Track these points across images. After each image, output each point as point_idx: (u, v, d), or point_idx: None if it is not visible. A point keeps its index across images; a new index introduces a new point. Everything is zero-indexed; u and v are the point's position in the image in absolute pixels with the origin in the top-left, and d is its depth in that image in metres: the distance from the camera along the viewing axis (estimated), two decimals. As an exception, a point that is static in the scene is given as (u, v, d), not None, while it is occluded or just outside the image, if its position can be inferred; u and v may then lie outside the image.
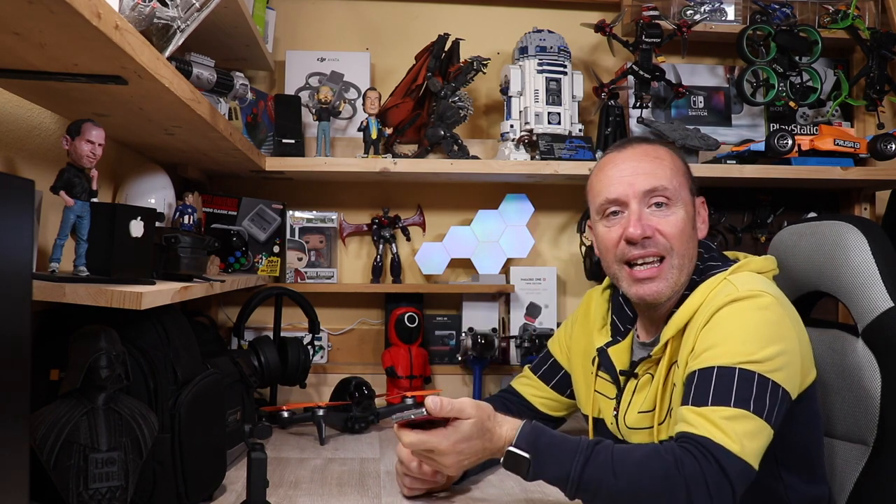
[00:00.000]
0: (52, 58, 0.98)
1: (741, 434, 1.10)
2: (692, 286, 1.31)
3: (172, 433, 1.14)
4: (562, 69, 2.10)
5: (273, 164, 1.99)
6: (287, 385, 1.91)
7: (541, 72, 2.08)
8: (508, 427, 1.18)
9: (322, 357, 2.20)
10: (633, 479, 1.09)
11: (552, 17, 2.28)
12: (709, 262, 1.35)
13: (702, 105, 2.33)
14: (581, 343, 1.51)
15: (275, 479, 1.33)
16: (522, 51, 2.12)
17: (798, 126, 2.25)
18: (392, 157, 2.03)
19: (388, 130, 2.12)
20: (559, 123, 2.08)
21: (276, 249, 2.07)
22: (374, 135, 2.03)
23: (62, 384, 1.03)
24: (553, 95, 2.08)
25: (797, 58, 2.16)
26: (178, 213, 1.57)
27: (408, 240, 2.25)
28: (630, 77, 2.13)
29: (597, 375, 1.43)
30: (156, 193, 1.59)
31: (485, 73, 2.11)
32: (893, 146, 2.07)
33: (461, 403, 1.18)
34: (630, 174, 1.32)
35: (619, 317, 1.45)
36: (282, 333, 2.00)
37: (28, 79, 1.05)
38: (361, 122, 2.05)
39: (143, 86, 1.09)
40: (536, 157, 2.07)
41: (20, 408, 0.82)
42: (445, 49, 2.12)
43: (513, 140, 2.10)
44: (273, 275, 2.08)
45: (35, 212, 1.11)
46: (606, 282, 1.51)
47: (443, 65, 2.12)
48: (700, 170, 2.02)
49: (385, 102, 2.12)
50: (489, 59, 2.11)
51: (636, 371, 1.35)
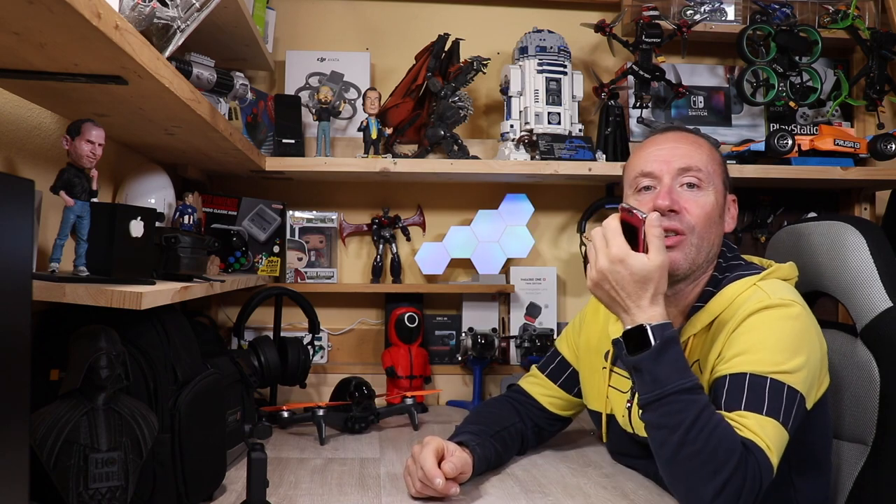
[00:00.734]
0: (52, 58, 0.98)
1: (774, 442, 1.13)
2: (715, 283, 1.33)
3: (172, 433, 1.13)
4: (562, 69, 2.10)
5: (273, 164, 1.99)
6: (287, 385, 1.91)
7: (541, 72, 2.09)
8: (658, 311, 1.16)
9: (322, 357, 2.20)
10: (704, 434, 1.09)
11: (552, 17, 2.28)
12: (732, 262, 1.36)
13: (702, 105, 2.33)
14: (592, 339, 1.51)
15: (275, 479, 1.33)
16: (522, 51, 2.12)
17: (798, 126, 2.25)
18: (392, 157, 2.03)
19: (388, 130, 2.12)
20: (559, 123, 2.08)
21: (276, 249, 2.07)
22: (374, 135, 2.03)
23: (62, 384, 1.03)
24: (553, 95, 2.08)
25: (797, 58, 2.16)
26: (178, 213, 1.57)
27: (408, 240, 2.25)
28: (630, 77, 2.14)
29: (611, 371, 1.43)
30: (156, 193, 1.59)
31: (485, 73, 2.11)
32: (893, 146, 2.07)
33: (661, 252, 1.17)
34: (667, 153, 1.35)
35: None
36: (282, 333, 2.00)
37: (28, 79, 1.05)
38: (361, 122, 2.05)
39: (143, 86, 1.10)
40: (536, 157, 2.07)
41: (20, 408, 0.82)
42: (445, 49, 2.12)
43: (513, 140, 2.10)
44: (273, 275, 2.08)
45: (35, 212, 1.11)
46: None
47: (443, 65, 2.12)
48: (700, 170, 2.03)
49: (385, 102, 2.12)
50: (489, 59, 2.12)
51: None
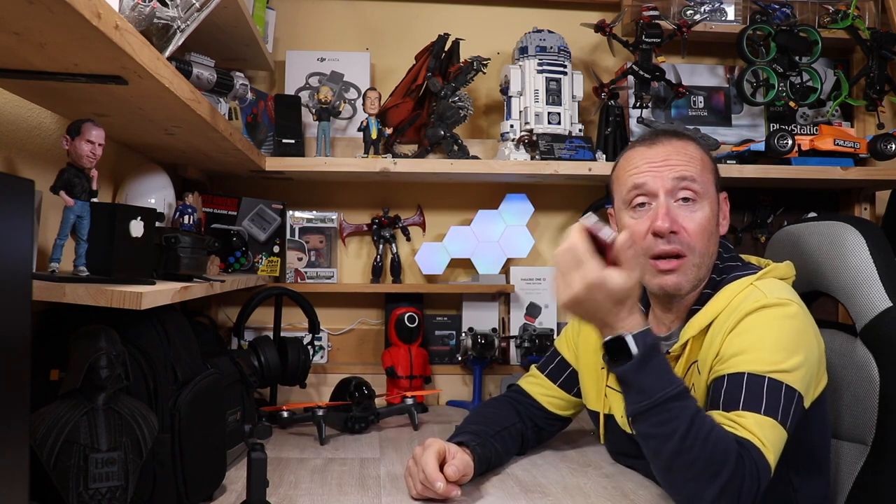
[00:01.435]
0: (52, 58, 0.98)
1: (772, 442, 1.12)
2: (713, 285, 1.32)
3: (172, 433, 1.14)
4: (562, 69, 2.10)
5: (273, 164, 1.99)
6: (287, 385, 1.91)
7: (541, 72, 2.09)
8: (637, 320, 1.14)
9: (322, 357, 2.20)
10: (699, 441, 1.08)
11: (552, 17, 2.28)
12: (728, 263, 1.35)
13: (702, 105, 2.33)
14: (591, 340, 1.51)
15: (275, 479, 1.33)
16: (522, 51, 2.12)
17: (798, 126, 2.25)
18: (392, 157, 2.03)
19: (388, 130, 2.12)
20: (559, 123, 2.08)
21: (276, 249, 2.07)
22: (374, 135, 2.03)
23: (62, 384, 1.03)
24: (553, 95, 2.08)
25: (797, 58, 2.16)
26: (178, 213, 1.57)
27: (408, 240, 2.25)
28: (630, 77, 2.13)
29: (608, 371, 1.43)
30: (156, 193, 1.59)
31: (485, 73, 2.11)
32: (893, 146, 2.07)
33: (636, 267, 1.12)
34: (660, 164, 1.32)
35: None
36: (282, 333, 2.00)
37: (28, 79, 1.05)
38: (361, 122, 2.05)
39: (143, 86, 1.10)
40: (536, 157, 2.07)
41: (20, 408, 0.82)
42: (445, 49, 2.12)
43: (513, 140, 2.10)
44: (273, 275, 2.08)
45: (35, 212, 1.11)
46: None
47: (443, 65, 2.12)
48: (700, 170, 2.03)
49: (385, 102, 2.12)
50: (489, 59, 2.12)
51: None
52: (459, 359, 2.20)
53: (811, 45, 2.17)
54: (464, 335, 2.12)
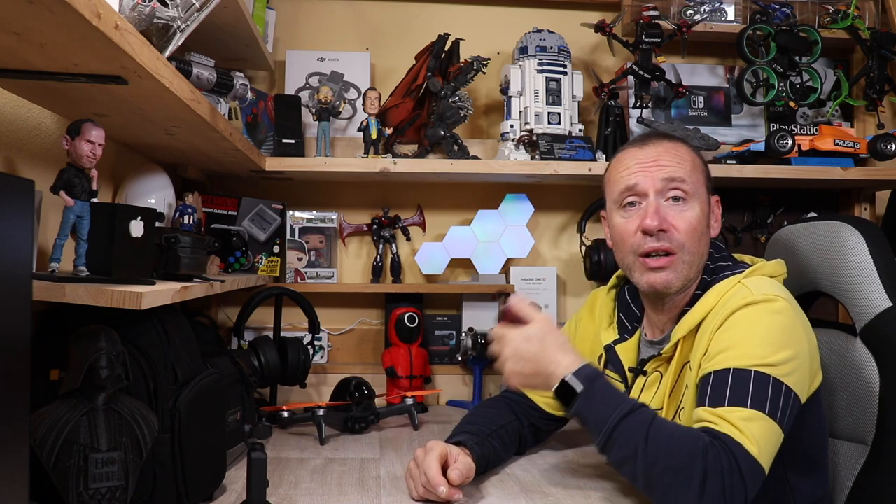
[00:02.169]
0: (52, 58, 0.98)
1: (758, 436, 1.11)
2: (704, 286, 1.32)
3: (172, 433, 1.14)
4: (562, 69, 2.10)
5: (273, 164, 1.99)
6: (287, 385, 1.91)
7: (541, 72, 2.09)
8: (572, 359, 1.22)
9: (322, 357, 2.20)
10: (661, 448, 1.09)
11: (552, 17, 2.28)
12: (719, 263, 1.35)
13: (702, 105, 2.33)
14: (587, 342, 1.52)
15: (275, 479, 1.33)
16: (522, 51, 2.12)
17: (798, 126, 2.25)
18: (392, 157, 2.03)
19: (388, 130, 2.12)
20: (559, 123, 2.08)
21: (276, 249, 2.07)
22: (374, 135, 2.03)
23: (62, 384, 1.03)
24: (553, 95, 2.08)
25: (797, 58, 2.16)
26: (178, 213, 1.57)
27: (408, 240, 2.25)
28: (630, 77, 2.13)
29: (603, 373, 1.43)
30: (156, 193, 1.59)
31: (485, 73, 2.11)
32: (893, 146, 2.07)
33: (535, 313, 1.28)
34: (650, 164, 1.33)
35: (626, 315, 1.47)
36: (282, 333, 2.00)
37: (28, 79, 1.05)
38: (361, 122, 2.05)
39: (143, 86, 1.10)
40: (536, 157, 2.07)
41: (20, 408, 0.82)
42: (445, 49, 2.12)
43: (513, 140, 2.10)
44: (273, 275, 2.08)
45: (35, 212, 1.11)
46: (612, 281, 1.53)
47: (443, 65, 2.12)
48: (700, 170, 2.03)
49: (385, 102, 2.12)
50: (489, 59, 2.12)
51: (645, 368, 1.36)
52: (459, 359, 2.20)
53: (811, 45, 2.17)
54: (464, 335, 2.12)
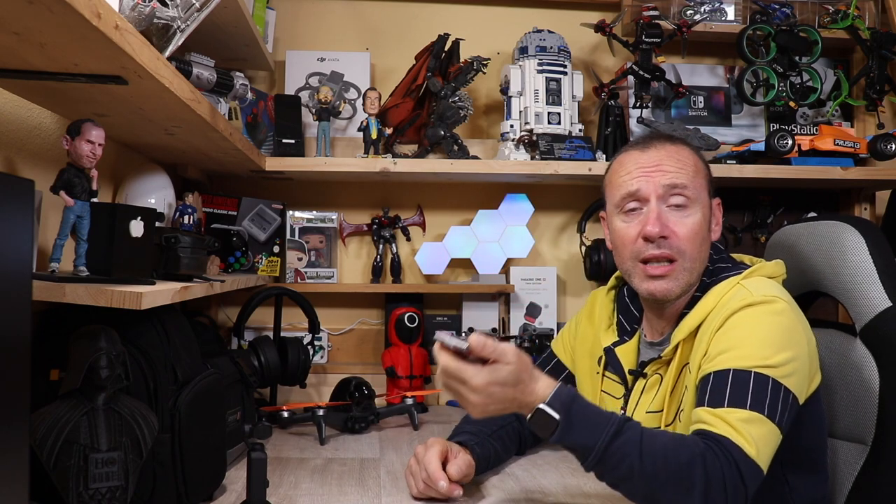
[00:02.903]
0: (52, 58, 0.98)
1: (756, 437, 1.11)
2: (703, 288, 1.32)
3: (172, 433, 1.14)
4: (562, 69, 2.10)
5: (273, 164, 1.99)
6: (287, 385, 1.91)
7: (541, 72, 2.09)
8: (544, 385, 1.12)
9: (322, 357, 2.20)
10: (658, 462, 1.07)
11: (552, 17, 2.28)
12: (718, 264, 1.35)
13: (702, 105, 2.33)
14: (586, 343, 1.51)
15: (275, 479, 1.33)
16: (522, 51, 2.12)
17: (798, 126, 2.25)
18: (392, 157, 2.03)
19: (388, 130, 2.12)
20: (559, 123, 2.08)
21: (276, 249, 2.07)
22: (374, 135, 2.03)
23: (62, 384, 1.03)
24: (553, 95, 2.08)
25: (797, 58, 2.16)
26: (178, 213, 1.57)
27: (408, 240, 2.25)
28: (630, 77, 2.14)
29: (603, 375, 1.43)
30: (156, 193, 1.59)
31: (485, 73, 2.11)
32: (893, 146, 2.07)
33: (503, 348, 1.11)
34: (652, 169, 1.32)
35: (626, 316, 1.46)
36: (282, 333, 2.00)
37: (28, 79, 1.05)
38: (361, 122, 2.05)
39: (143, 86, 1.10)
40: (536, 157, 2.07)
41: (20, 408, 0.82)
42: (445, 49, 2.12)
43: (513, 140, 2.10)
44: (273, 275, 2.08)
45: (35, 212, 1.11)
46: (611, 282, 1.52)
47: (443, 65, 2.13)
48: (700, 170, 2.03)
49: (385, 102, 2.12)
50: (489, 59, 2.12)
51: (645, 371, 1.35)
52: (459, 359, 2.20)
53: (811, 45, 2.17)
54: (464, 335, 2.11)
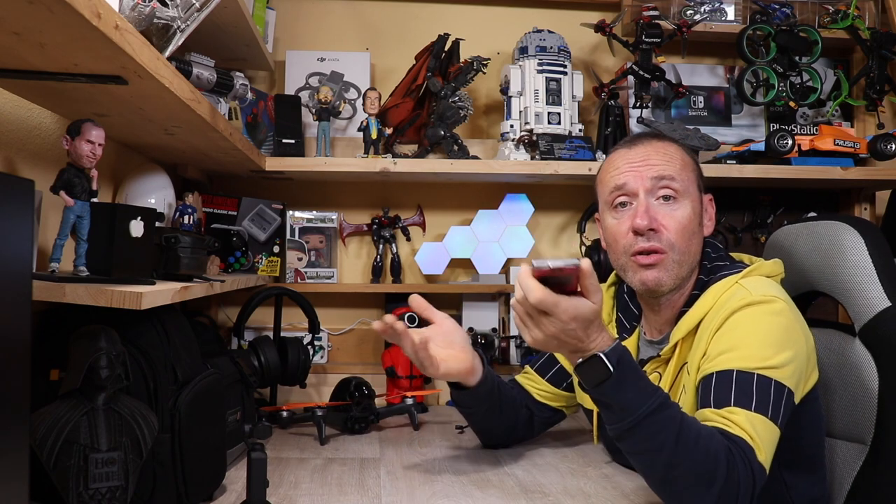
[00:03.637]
0: (52, 58, 0.98)
1: (763, 440, 1.11)
2: (701, 286, 1.32)
3: (172, 433, 1.14)
4: (562, 69, 2.10)
5: (273, 164, 1.99)
6: (287, 385, 1.91)
7: (541, 72, 2.09)
8: (606, 336, 1.10)
9: (322, 357, 2.20)
10: (689, 449, 1.06)
11: (552, 17, 2.28)
12: (716, 263, 1.35)
13: (702, 105, 2.33)
14: None
15: (275, 479, 1.33)
16: (522, 51, 2.12)
17: (798, 126, 2.25)
18: (392, 157, 2.03)
19: (388, 130, 2.12)
20: (559, 123, 2.08)
21: (276, 249, 2.07)
22: (374, 135, 2.03)
23: (62, 384, 1.03)
24: (553, 95, 2.08)
25: (797, 58, 2.16)
26: (178, 213, 1.57)
27: (408, 240, 2.25)
28: (630, 77, 2.14)
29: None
30: (156, 193, 1.59)
31: (485, 73, 2.11)
32: (893, 146, 2.07)
33: (597, 284, 1.08)
34: (639, 164, 1.33)
35: (625, 314, 1.47)
36: (282, 333, 2.00)
37: (28, 79, 1.05)
38: (361, 122, 2.05)
39: (143, 86, 1.10)
40: (536, 157, 2.07)
41: (20, 408, 0.82)
42: (445, 49, 2.12)
43: (513, 140, 2.10)
44: (273, 275, 2.08)
45: (35, 212, 1.11)
46: (611, 279, 1.52)
47: (443, 65, 2.12)
48: (700, 170, 2.03)
49: (385, 102, 2.12)
50: (489, 59, 2.12)
51: (644, 369, 1.35)
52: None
53: (811, 45, 2.17)
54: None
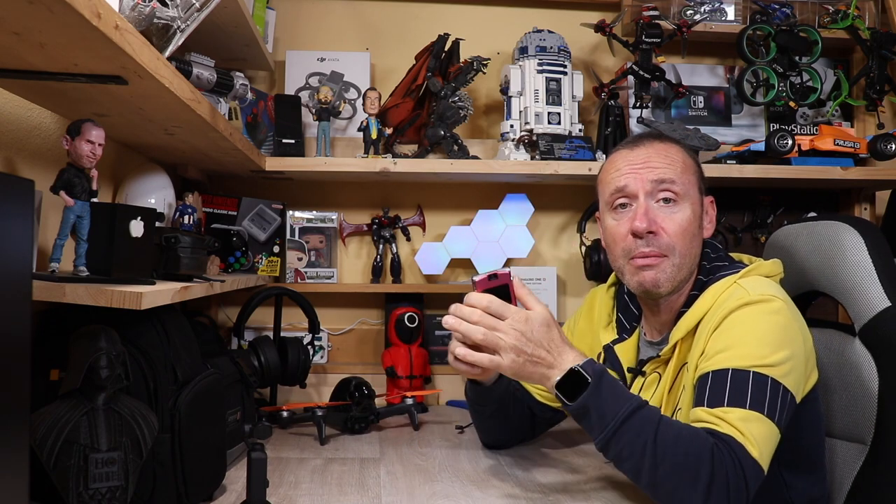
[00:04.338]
0: (52, 58, 0.98)
1: (758, 437, 1.11)
2: (700, 287, 1.32)
3: (172, 433, 1.14)
4: (562, 69, 2.10)
5: (273, 164, 1.99)
6: (287, 385, 1.91)
7: (541, 72, 2.08)
8: (576, 352, 1.18)
9: (322, 357, 2.20)
10: (669, 447, 1.08)
11: (552, 17, 2.28)
12: (715, 263, 1.35)
13: (702, 105, 2.33)
14: (585, 340, 1.52)
15: (275, 479, 1.33)
16: (522, 51, 2.12)
17: (798, 126, 2.25)
18: (392, 157, 2.03)
19: (388, 130, 2.12)
20: (559, 123, 2.08)
21: (276, 249, 2.07)
22: (374, 135, 2.03)
23: (62, 384, 1.03)
24: (553, 95, 2.08)
25: (797, 58, 2.16)
26: (178, 213, 1.57)
27: (408, 240, 2.25)
28: (630, 77, 2.13)
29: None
30: (156, 193, 1.59)
31: (485, 73, 2.11)
32: (893, 146, 2.07)
33: (535, 298, 1.19)
34: (640, 166, 1.33)
35: (625, 315, 1.47)
36: (282, 333, 2.00)
37: (28, 79, 1.05)
38: (361, 122, 2.05)
39: (143, 86, 1.10)
40: (536, 157, 2.07)
41: (20, 408, 0.82)
42: (445, 49, 2.12)
43: (513, 140, 2.10)
44: (273, 275, 2.08)
45: (35, 212, 1.11)
46: (611, 280, 1.53)
47: (443, 65, 2.12)
48: (700, 170, 2.03)
49: (385, 102, 2.12)
50: (489, 59, 2.12)
51: (644, 369, 1.36)
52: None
53: (811, 45, 2.17)
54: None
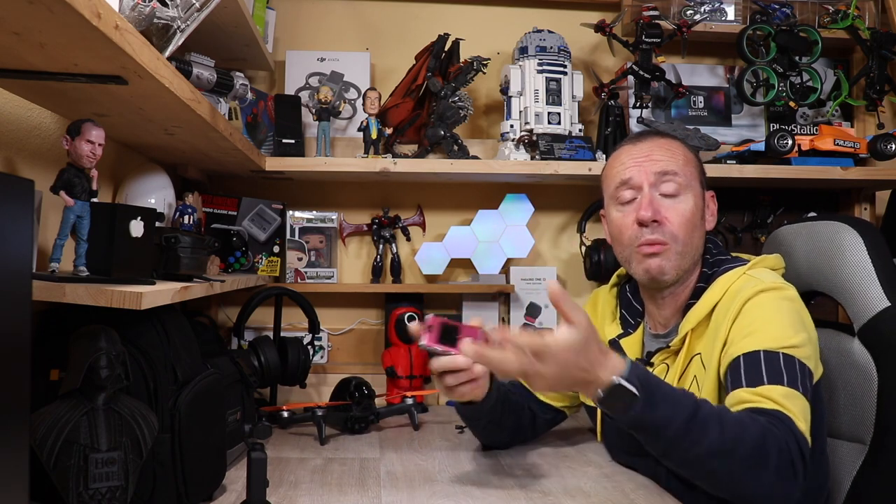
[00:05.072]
0: (52, 58, 0.98)
1: (801, 412, 1.13)
2: (706, 279, 1.37)
3: (172, 433, 1.14)
4: (562, 69, 2.10)
5: (273, 164, 1.99)
6: (287, 385, 1.91)
7: (541, 72, 2.08)
8: (614, 358, 1.04)
9: (322, 357, 2.20)
10: (737, 436, 1.06)
11: (552, 17, 2.28)
12: (718, 257, 1.40)
13: (702, 105, 2.33)
14: None
15: (275, 479, 1.33)
16: (522, 51, 2.12)
17: (798, 126, 2.25)
18: (392, 157, 2.03)
19: (388, 130, 2.12)
20: (559, 123, 2.08)
21: (276, 249, 2.07)
22: (374, 135, 2.03)
23: (62, 384, 1.03)
24: (553, 95, 2.08)
25: (797, 58, 2.16)
26: (178, 213, 1.57)
27: (408, 240, 2.25)
28: (630, 77, 2.13)
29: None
30: (156, 193, 1.59)
31: (485, 73, 2.11)
32: (893, 146, 2.07)
33: (577, 307, 1.02)
34: (644, 159, 1.39)
35: (629, 311, 1.51)
36: (282, 333, 2.00)
37: (28, 79, 1.05)
38: (361, 122, 2.05)
39: (143, 86, 1.10)
40: (536, 157, 2.07)
41: (20, 408, 0.82)
42: (445, 49, 2.12)
43: (513, 140, 2.10)
44: (273, 275, 2.08)
45: (35, 212, 1.11)
46: (613, 279, 1.57)
47: (443, 65, 2.12)
48: (700, 170, 2.03)
49: (385, 102, 2.12)
50: (489, 59, 2.12)
51: (652, 360, 1.39)
52: (459, 359, 2.20)
53: (811, 45, 2.17)
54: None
